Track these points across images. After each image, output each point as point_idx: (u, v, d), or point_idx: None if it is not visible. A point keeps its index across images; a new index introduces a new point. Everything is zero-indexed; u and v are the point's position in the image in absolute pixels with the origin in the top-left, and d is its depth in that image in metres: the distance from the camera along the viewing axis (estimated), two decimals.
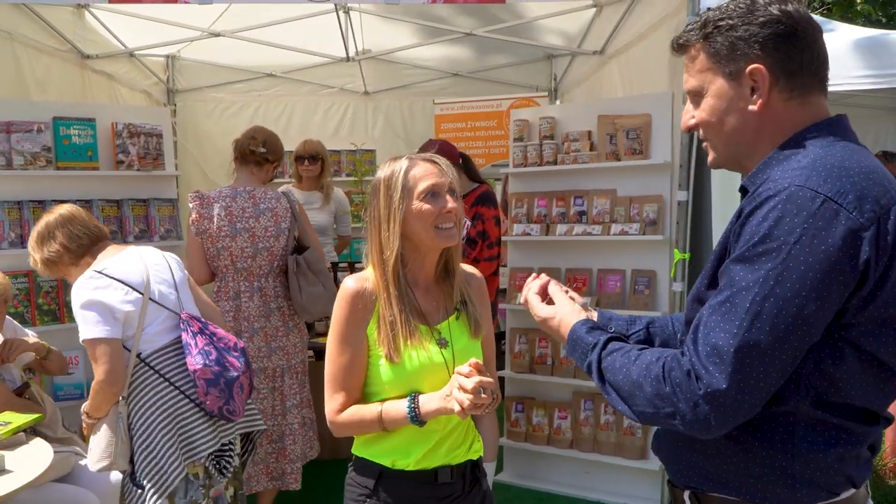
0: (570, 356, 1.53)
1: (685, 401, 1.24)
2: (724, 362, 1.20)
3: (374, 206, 1.87)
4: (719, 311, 1.24)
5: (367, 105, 6.75)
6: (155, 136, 4.24)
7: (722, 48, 1.35)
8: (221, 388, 2.46)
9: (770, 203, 1.21)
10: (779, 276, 1.19)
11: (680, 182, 3.62)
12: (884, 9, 10.32)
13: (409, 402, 1.78)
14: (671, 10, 3.84)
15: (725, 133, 1.39)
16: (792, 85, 1.34)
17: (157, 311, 2.53)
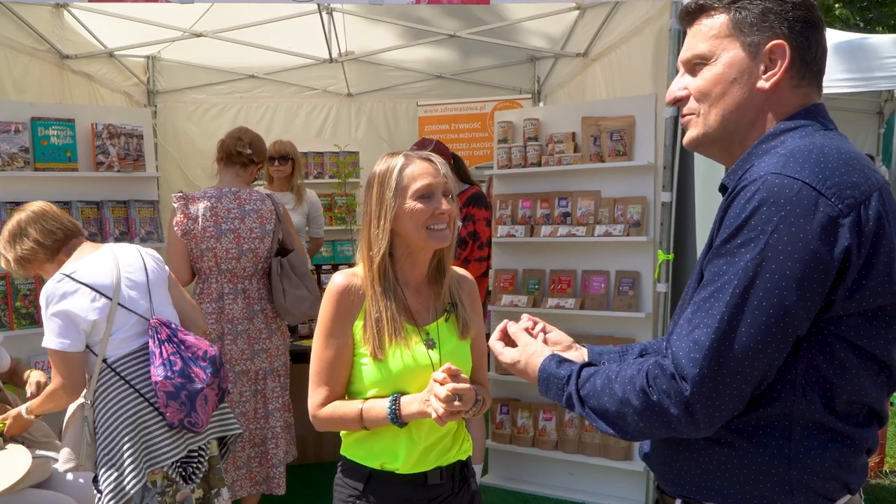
0: (545, 395, 1.45)
1: (675, 405, 1.22)
2: (706, 356, 1.18)
3: (367, 202, 1.86)
4: (703, 308, 1.21)
5: (351, 107, 6.72)
6: (135, 137, 4.19)
7: (750, 17, 1.30)
8: (182, 402, 2.42)
9: (747, 192, 1.19)
10: (758, 266, 1.16)
11: (664, 183, 3.63)
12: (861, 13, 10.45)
13: (390, 403, 1.77)
14: (654, 13, 3.86)
15: (726, 105, 1.33)
16: (803, 73, 1.31)
17: (125, 316, 2.48)
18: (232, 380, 3.30)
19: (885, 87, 5.63)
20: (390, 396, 1.78)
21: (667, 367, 1.23)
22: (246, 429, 3.36)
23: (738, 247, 1.18)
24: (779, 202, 1.15)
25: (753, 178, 1.20)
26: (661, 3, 3.67)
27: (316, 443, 4.36)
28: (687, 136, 1.40)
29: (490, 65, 6.50)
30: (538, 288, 4.27)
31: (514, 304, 4.21)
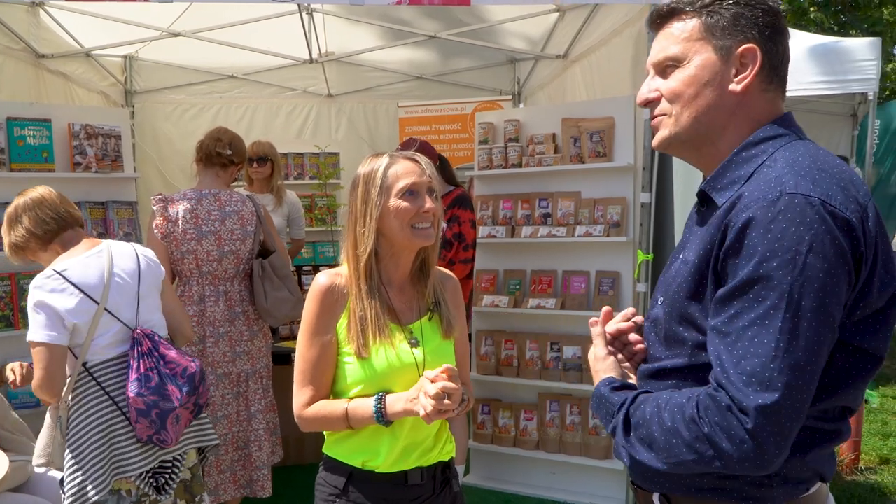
0: (595, 413, 1.46)
1: (728, 440, 1.18)
2: (768, 385, 1.16)
3: (352, 202, 1.86)
4: (745, 337, 1.19)
5: (331, 107, 6.71)
6: (113, 138, 4.15)
7: (722, 21, 1.33)
8: (152, 420, 2.40)
9: (769, 214, 1.19)
10: (801, 287, 1.17)
11: (643, 184, 3.66)
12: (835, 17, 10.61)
13: (375, 402, 1.77)
14: (633, 15, 3.89)
15: (698, 107, 1.35)
16: (771, 77, 1.35)
17: (109, 322, 2.46)
18: (214, 382, 3.28)
19: (859, 90, 5.72)
20: (375, 395, 1.78)
21: (721, 399, 1.20)
22: (229, 432, 3.34)
23: (774, 269, 1.17)
24: (805, 221, 1.17)
25: (770, 199, 1.20)
26: (640, 6, 3.70)
27: (297, 444, 4.34)
28: (658, 136, 1.42)
29: (470, 66, 6.52)
30: (519, 288, 4.28)
31: (496, 305, 4.23)
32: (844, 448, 4.66)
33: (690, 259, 1.34)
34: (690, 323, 1.33)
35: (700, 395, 1.24)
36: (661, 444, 1.27)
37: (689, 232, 1.47)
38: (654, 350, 1.46)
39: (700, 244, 1.32)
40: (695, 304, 1.32)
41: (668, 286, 1.41)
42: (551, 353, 4.14)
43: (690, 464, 1.24)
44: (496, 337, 4.31)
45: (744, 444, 1.17)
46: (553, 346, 4.15)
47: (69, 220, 2.59)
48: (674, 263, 1.45)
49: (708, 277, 1.29)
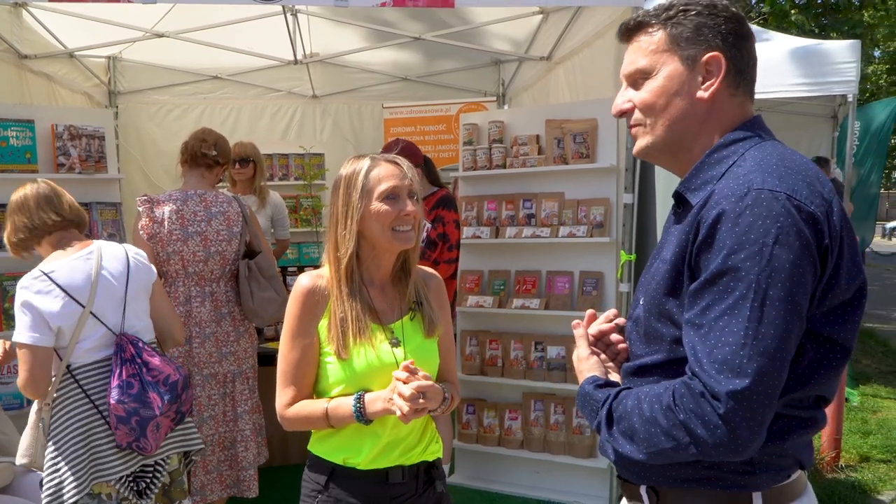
0: (581, 411, 1.50)
1: (702, 426, 1.22)
2: (738, 371, 1.20)
3: (333, 204, 1.88)
4: (717, 327, 1.23)
5: (316, 109, 6.71)
6: (97, 139, 4.14)
7: (686, 32, 1.39)
8: (132, 427, 2.40)
9: (737, 209, 1.24)
10: (769, 277, 1.21)
11: (626, 185, 3.70)
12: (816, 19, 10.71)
13: (354, 401, 1.79)
14: (616, 17, 3.92)
15: (670, 116, 1.41)
16: (738, 82, 1.41)
17: (94, 326, 2.45)
18: (200, 383, 3.28)
19: (839, 92, 5.77)
20: (354, 395, 1.81)
21: (695, 386, 1.24)
22: (215, 432, 3.34)
23: (742, 261, 1.22)
24: (771, 215, 1.22)
25: (739, 194, 1.25)
26: (623, 8, 3.73)
27: (282, 444, 4.34)
28: (636, 145, 1.49)
29: (455, 67, 6.54)
30: (503, 288, 4.31)
31: (480, 305, 4.26)
32: (825, 446, 4.72)
33: (667, 258, 1.38)
34: (668, 319, 1.37)
35: (676, 384, 1.29)
36: (641, 435, 1.31)
37: (666, 233, 1.51)
38: (635, 348, 1.50)
39: (676, 242, 1.36)
40: (672, 301, 1.36)
41: (648, 285, 1.45)
42: (535, 352, 4.17)
43: (669, 452, 1.28)
44: (481, 337, 4.34)
45: (717, 430, 1.21)
46: (537, 345, 4.17)
47: (59, 224, 2.56)
48: (653, 264, 1.49)
49: (684, 273, 1.33)
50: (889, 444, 5.19)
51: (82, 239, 2.61)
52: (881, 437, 5.34)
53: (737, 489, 1.36)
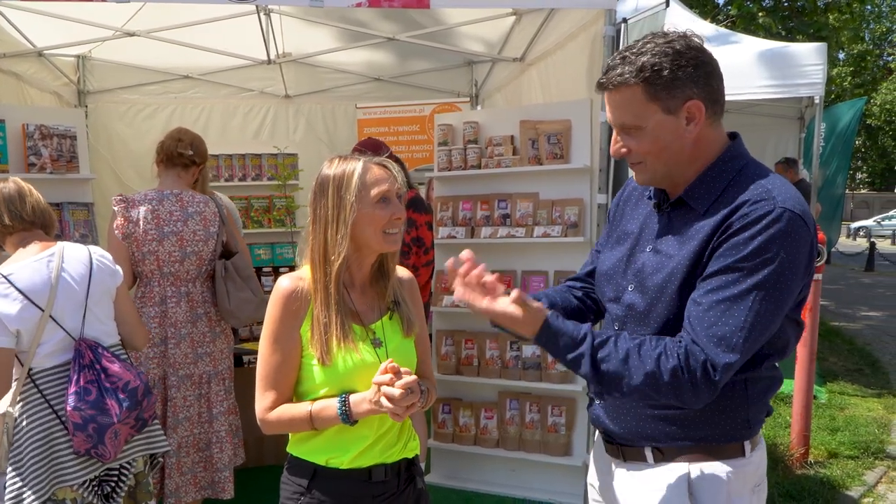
0: (542, 345, 1.63)
1: (702, 385, 1.50)
2: (733, 348, 1.49)
3: (322, 205, 1.86)
4: (718, 308, 1.50)
5: (289, 109, 6.68)
6: (69, 138, 4.09)
7: (661, 90, 1.56)
8: (89, 434, 2.37)
9: (764, 221, 1.49)
10: (776, 281, 1.49)
11: (599, 186, 3.74)
12: (783, 22, 10.88)
13: (339, 404, 1.79)
14: (589, 19, 3.96)
15: (664, 157, 1.62)
16: (714, 111, 1.61)
17: (53, 330, 2.42)
18: (175, 384, 3.26)
19: (806, 94, 5.89)
20: (339, 397, 1.80)
21: (697, 353, 1.50)
22: (190, 433, 3.32)
23: (758, 264, 1.48)
24: (786, 231, 1.49)
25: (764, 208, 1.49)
26: (596, 11, 3.77)
27: (257, 446, 4.32)
28: (639, 178, 1.70)
29: (428, 68, 6.55)
30: None
31: (456, 305, 4.27)
32: (795, 443, 4.81)
33: (675, 254, 1.60)
34: (677, 303, 1.60)
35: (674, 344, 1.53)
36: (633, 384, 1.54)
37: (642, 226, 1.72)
38: (632, 331, 1.68)
39: (694, 242, 1.57)
40: (687, 290, 1.58)
41: (646, 276, 1.64)
42: (511, 351, 4.20)
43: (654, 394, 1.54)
44: (456, 337, 4.35)
45: (700, 390, 1.51)
46: (513, 345, 4.20)
47: (18, 226, 2.52)
48: (639, 254, 1.68)
49: (699, 268, 1.56)
50: (856, 440, 5.30)
51: (46, 240, 2.56)
52: (849, 433, 5.45)
53: (735, 440, 1.66)
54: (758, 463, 1.71)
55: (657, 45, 1.56)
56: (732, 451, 1.66)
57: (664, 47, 1.55)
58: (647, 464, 1.71)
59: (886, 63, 34.46)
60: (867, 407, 6.31)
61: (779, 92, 5.80)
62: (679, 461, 1.67)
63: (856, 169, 38.10)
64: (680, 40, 1.57)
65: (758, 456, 1.71)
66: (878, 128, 34.47)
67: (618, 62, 1.60)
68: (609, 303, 1.79)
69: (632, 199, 1.84)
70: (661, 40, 1.57)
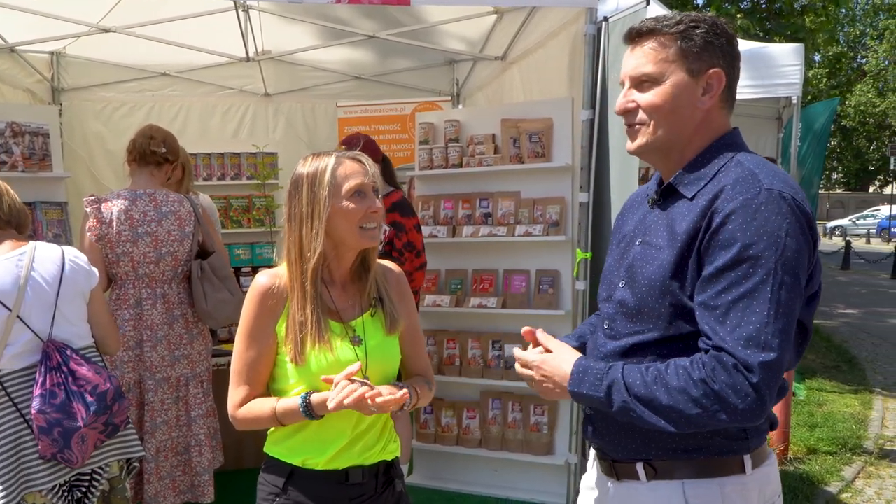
0: (575, 389, 1.56)
1: (734, 394, 1.39)
2: (766, 346, 1.38)
3: (296, 203, 1.84)
4: (737, 307, 1.41)
5: (268, 107, 6.62)
6: (41, 136, 4.02)
7: (695, 47, 1.53)
8: (55, 438, 2.31)
9: (753, 204, 1.42)
10: (783, 266, 1.40)
11: (581, 184, 3.73)
12: (760, 24, 10.98)
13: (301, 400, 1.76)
14: (570, 18, 3.95)
15: (671, 120, 1.56)
16: (728, 97, 1.58)
17: (21, 331, 2.36)
18: (153, 388, 3.20)
19: (784, 94, 5.95)
20: (301, 395, 1.77)
21: (725, 360, 1.40)
22: (168, 437, 3.26)
23: (762, 251, 1.40)
24: (781, 213, 1.41)
25: (749, 191, 1.43)
26: (577, 9, 3.76)
27: (236, 448, 4.27)
28: (634, 143, 1.62)
29: (409, 67, 6.52)
30: (461, 288, 4.31)
31: (438, 305, 4.25)
32: (774, 439, 4.84)
33: (664, 244, 1.53)
34: (670, 298, 1.52)
35: (703, 360, 1.43)
36: (662, 402, 1.44)
37: (636, 225, 1.66)
38: (620, 328, 1.62)
39: (681, 231, 1.51)
40: (675, 283, 1.51)
41: (636, 270, 1.58)
42: (493, 351, 4.18)
43: (696, 419, 1.43)
44: (438, 336, 4.33)
45: (748, 397, 1.39)
46: (495, 344, 4.19)
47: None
48: (631, 250, 1.63)
49: (690, 258, 1.49)
50: (834, 436, 5.35)
51: (18, 239, 2.50)
52: (827, 429, 5.50)
53: (731, 454, 1.54)
54: (763, 481, 1.59)
55: (693, 16, 1.55)
56: (730, 467, 1.55)
57: (702, 19, 1.55)
58: (640, 481, 1.61)
59: (860, 65, 34.98)
60: (845, 403, 6.37)
61: (757, 92, 5.84)
62: (673, 478, 1.57)
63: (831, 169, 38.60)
64: (717, 20, 1.56)
65: (762, 474, 1.58)
66: (852, 129, 34.98)
67: (651, 21, 1.57)
68: (602, 303, 1.74)
69: (634, 203, 1.79)
70: (696, 15, 1.56)
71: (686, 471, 1.55)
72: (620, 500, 1.66)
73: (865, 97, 33.42)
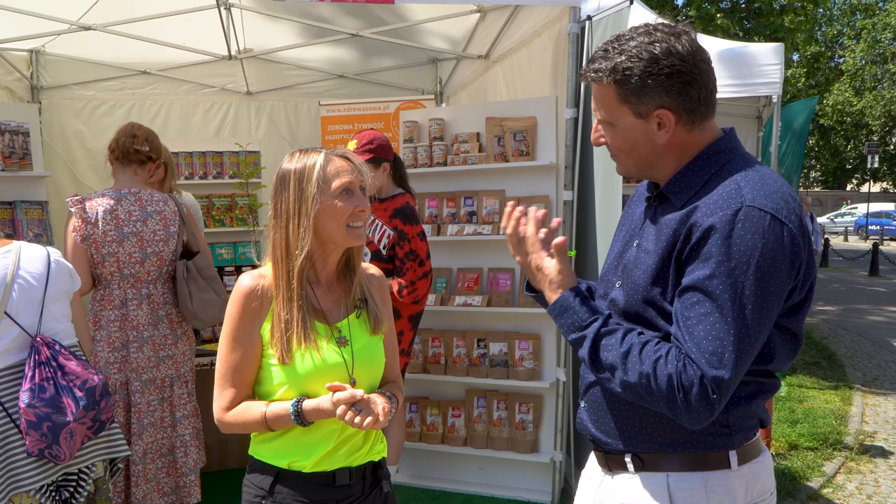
0: (553, 317, 1.64)
1: (697, 401, 1.44)
2: (725, 364, 1.42)
3: (283, 199, 1.81)
4: (706, 322, 1.44)
5: (250, 105, 6.59)
6: (21, 134, 3.97)
7: (631, 95, 1.54)
8: (44, 433, 2.28)
9: (731, 223, 1.43)
10: (753, 285, 1.42)
11: (565, 183, 3.75)
12: (740, 23, 11.07)
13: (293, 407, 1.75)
14: (553, 17, 3.97)
15: (636, 156, 1.61)
16: (692, 118, 1.56)
17: (8, 326, 2.34)
18: (139, 389, 3.17)
19: (765, 93, 5.98)
20: (293, 400, 1.76)
21: (694, 373, 1.44)
22: (154, 439, 3.23)
23: (732, 270, 1.42)
24: (759, 231, 1.42)
25: (734, 209, 1.44)
26: (560, 8, 3.78)
27: (220, 449, 4.24)
28: (617, 169, 1.69)
29: (392, 65, 6.51)
30: (446, 286, 4.31)
31: None
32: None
33: (651, 249, 1.57)
34: (652, 304, 1.56)
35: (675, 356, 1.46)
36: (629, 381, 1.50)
37: (636, 222, 1.69)
38: None
39: (663, 238, 1.54)
40: (656, 289, 1.55)
41: (629, 271, 1.61)
42: (478, 349, 4.19)
43: (646, 398, 1.50)
44: (423, 335, 4.32)
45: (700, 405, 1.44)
46: (480, 342, 4.19)
47: None
48: (628, 250, 1.66)
49: (670, 266, 1.52)
50: (815, 432, 5.41)
51: (2, 239, 2.49)
52: (808, 425, 5.57)
53: (715, 449, 1.57)
54: (750, 478, 1.60)
55: (638, 44, 1.52)
56: (716, 462, 1.57)
57: (643, 49, 1.51)
58: (629, 473, 1.64)
59: (838, 65, 35.40)
60: (825, 399, 6.45)
61: (738, 91, 5.87)
62: (659, 470, 1.60)
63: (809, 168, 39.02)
64: (662, 43, 1.51)
65: (749, 470, 1.60)
66: (830, 128, 35.38)
67: (600, 55, 1.57)
68: (599, 300, 1.76)
69: (635, 197, 1.80)
70: (644, 39, 1.52)
71: (672, 464, 1.59)
72: (611, 491, 1.69)
73: (843, 96, 33.82)
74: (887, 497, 4.42)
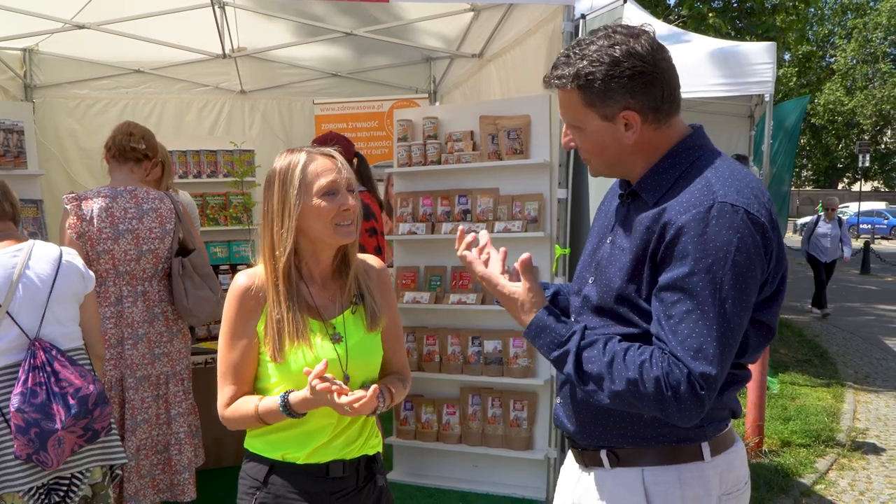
0: (530, 340, 1.63)
1: (687, 399, 1.45)
2: (711, 359, 1.44)
3: (268, 200, 1.83)
4: (689, 319, 1.45)
5: (244, 104, 6.59)
6: (15, 133, 3.97)
7: (596, 98, 1.54)
8: (31, 439, 2.28)
9: (705, 219, 1.45)
10: (731, 280, 1.44)
11: (559, 181, 3.76)
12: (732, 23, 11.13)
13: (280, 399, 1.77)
14: (547, 15, 3.98)
15: (606, 158, 1.63)
16: (658, 117, 1.57)
17: (8, 326, 2.34)
18: (133, 386, 3.17)
19: (757, 92, 6.02)
20: (280, 395, 1.78)
21: (682, 371, 1.44)
22: (149, 436, 3.23)
23: (710, 266, 1.44)
24: (732, 226, 1.44)
25: (706, 205, 1.46)
26: (554, 7, 3.79)
27: (216, 447, 4.25)
28: (590, 171, 1.72)
29: (386, 64, 6.52)
30: (440, 284, 4.32)
31: (417, 301, 4.26)
32: (749, 432, 4.92)
33: (626, 247, 1.57)
34: (626, 301, 1.57)
35: (659, 357, 1.47)
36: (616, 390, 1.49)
37: (610, 219, 1.70)
38: (585, 321, 1.67)
39: (636, 236, 1.55)
40: (632, 286, 1.55)
41: (602, 268, 1.62)
42: (472, 347, 4.20)
43: (636, 404, 1.50)
44: (418, 333, 4.34)
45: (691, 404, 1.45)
46: (474, 340, 4.21)
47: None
48: (602, 246, 1.66)
49: (645, 265, 1.53)
50: (807, 429, 5.45)
51: (19, 237, 2.50)
52: (800, 422, 5.60)
53: (688, 442, 1.59)
54: (724, 468, 1.63)
55: (599, 48, 1.53)
56: (688, 455, 1.60)
57: (604, 53, 1.51)
58: (604, 469, 1.66)
59: (829, 64, 35.54)
60: (817, 396, 6.49)
61: (730, 90, 5.91)
62: (634, 466, 1.62)
63: (801, 167, 39.16)
64: (622, 45, 1.51)
65: (723, 461, 1.63)
66: (821, 127, 35.52)
67: (562, 61, 1.58)
68: (573, 296, 1.77)
69: (610, 194, 1.82)
70: (604, 42, 1.53)
71: (647, 458, 1.61)
72: (588, 487, 1.70)
73: (834, 96, 33.96)
74: (879, 493, 4.46)
